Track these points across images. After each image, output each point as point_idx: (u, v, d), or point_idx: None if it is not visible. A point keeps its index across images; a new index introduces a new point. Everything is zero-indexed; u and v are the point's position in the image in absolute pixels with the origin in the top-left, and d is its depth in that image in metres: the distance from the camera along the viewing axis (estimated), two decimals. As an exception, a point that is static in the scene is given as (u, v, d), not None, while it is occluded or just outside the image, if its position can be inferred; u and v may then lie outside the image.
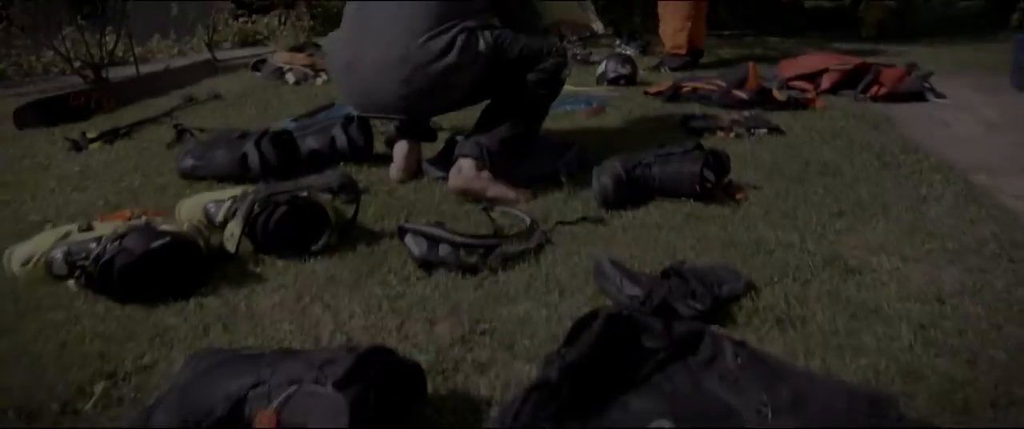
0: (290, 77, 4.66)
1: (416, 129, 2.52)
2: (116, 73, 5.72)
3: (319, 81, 4.63)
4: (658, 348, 1.10)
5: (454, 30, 2.17)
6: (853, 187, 2.32)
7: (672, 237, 1.91)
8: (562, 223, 2.00)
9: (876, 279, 1.65)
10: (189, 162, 2.46)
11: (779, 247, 1.82)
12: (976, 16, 9.46)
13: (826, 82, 4.05)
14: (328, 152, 2.61)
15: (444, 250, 1.74)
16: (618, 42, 6.17)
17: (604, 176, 2.13)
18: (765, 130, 3.06)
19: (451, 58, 2.17)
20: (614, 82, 4.39)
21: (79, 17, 5.86)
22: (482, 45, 2.21)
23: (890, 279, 1.65)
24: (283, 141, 2.49)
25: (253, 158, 2.38)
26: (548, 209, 2.14)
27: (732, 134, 3.02)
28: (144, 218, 1.72)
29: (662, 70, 5.03)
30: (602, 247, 1.84)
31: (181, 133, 3.07)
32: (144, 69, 5.92)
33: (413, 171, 2.50)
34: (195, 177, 2.45)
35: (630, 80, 4.39)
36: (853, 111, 3.57)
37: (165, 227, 1.68)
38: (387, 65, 2.20)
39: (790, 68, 4.31)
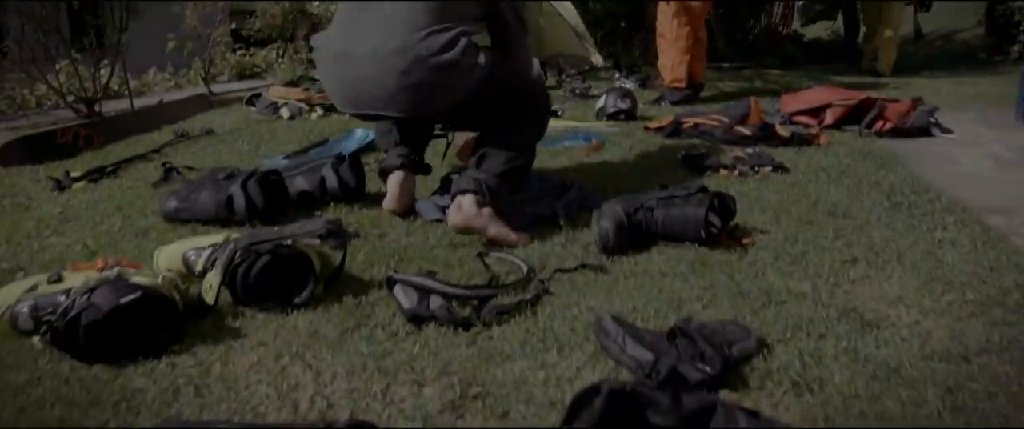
0: (285, 112, 4.59)
1: (411, 159, 2.41)
2: (111, 107, 5.66)
3: (314, 116, 4.56)
4: (666, 427, 0.99)
5: (455, 31, 2.12)
6: (864, 230, 2.23)
7: (677, 286, 1.81)
8: (561, 271, 1.90)
9: (896, 334, 1.55)
10: (172, 204, 2.36)
11: (791, 298, 1.72)
12: (975, 48, 9.44)
13: (830, 117, 3.98)
14: (318, 193, 2.52)
15: (435, 302, 1.64)
16: (617, 75, 6.11)
17: (605, 220, 2.03)
18: (769, 168, 2.98)
19: (453, 55, 2.10)
20: (614, 117, 4.31)
21: (74, 50, 5.82)
22: (481, 58, 2.16)
23: (911, 334, 1.54)
24: (271, 183, 2.40)
25: (239, 201, 2.28)
26: (546, 254, 2.05)
27: (736, 172, 2.93)
28: (116, 269, 1.62)
29: (662, 104, 4.97)
30: (603, 297, 1.74)
31: (168, 172, 2.98)
32: (139, 103, 5.86)
33: (407, 204, 2.40)
34: (179, 220, 2.35)
35: (630, 115, 4.32)
36: (859, 147, 3.49)
37: (138, 279, 1.57)
38: (385, 54, 2.12)
39: (792, 103, 4.24)
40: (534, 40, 8.41)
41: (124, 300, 1.47)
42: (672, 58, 4.98)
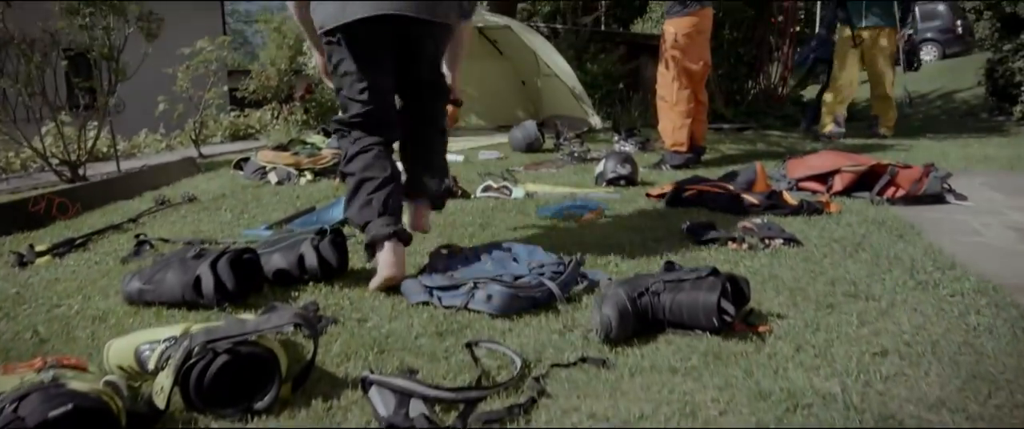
0: (272, 177, 4.43)
1: (399, 227, 2.37)
2: (98, 169, 5.53)
3: (303, 181, 4.40)
4: None
5: None
6: (890, 314, 2.03)
7: (689, 386, 1.60)
8: (558, 366, 1.70)
9: (943, 450, 1.34)
10: (135, 285, 2.17)
11: (818, 400, 1.52)
12: (976, 108, 9.39)
13: (839, 183, 3.82)
14: (296, 272, 2.33)
15: (415, 409, 1.44)
16: (616, 138, 5.98)
17: (607, 307, 1.84)
18: (780, 240, 2.79)
19: None
20: (613, 182, 4.16)
21: (64, 112, 5.70)
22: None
23: (961, 451, 1.34)
24: (244, 262, 2.21)
25: (207, 282, 2.09)
26: (542, 344, 1.85)
27: (745, 245, 2.75)
28: (53, 372, 1.42)
29: (664, 168, 4.83)
30: (607, 400, 1.54)
31: (140, 245, 2.81)
32: (127, 165, 5.75)
33: (403, 273, 2.32)
34: (142, 302, 2.16)
35: (630, 180, 4.17)
36: (872, 216, 3.32)
37: (76, 384, 1.37)
38: None
39: (799, 168, 4.09)
40: (532, 102, 8.38)
41: (54, 413, 1.28)
42: (673, 121, 4.85)
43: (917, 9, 18.90)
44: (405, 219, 2.62)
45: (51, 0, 4.91)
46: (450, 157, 5.39)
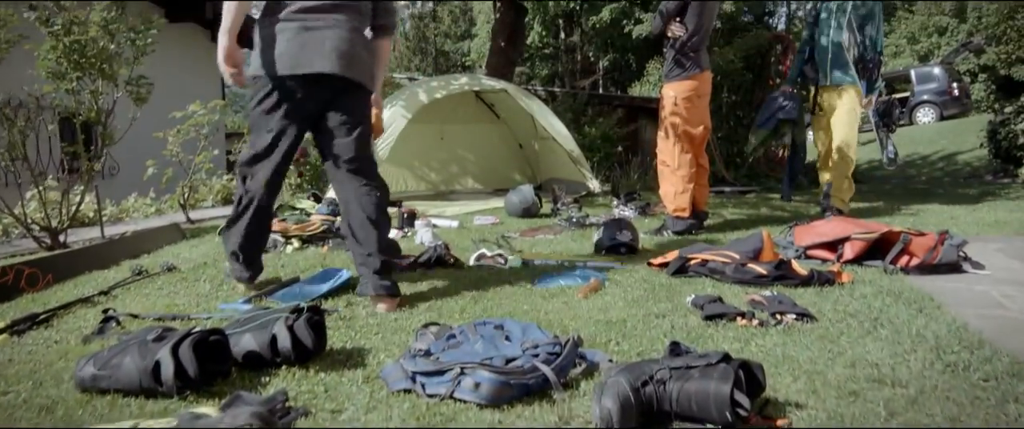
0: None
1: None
2: (82, 235, 5.37)
3: (289, 249, 4.24)
4: None
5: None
6: (921, 405, 1.84)
7: (701, 495, 1.40)
8: (552, 469, 1.50)
9: None
10: (89, 371, 1.97)
11: (851, 515, 1.32)
12: (979, 169, 9.28)
13: (850, 251, 3.65)
14: (268, 354, 2.13)
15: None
16: (615, 203, 5.84)
17: (607, 398, 1.65)
18: (793, 316, 2.61)
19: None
20: (613, 250, 3.99)
21: (50, 177, 5.57)
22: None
23: None
24: (209, 344, 2.02)
25: (167, 369, 1.90)
26: (535, 441, 1.65)
27: (755, 322, 2.56)
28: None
29: (665, 234, 4.66)
30: (607, 514, 1.34)
31: (106, 321, 2.62)
32: (113, 230, 5.58)
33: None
34: (96, 390, 1.96)
35: (631, 248, 4.00)
36: (887, 287, 3.13)
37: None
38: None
39: (807, 235, 3.92)
40: (529, 165, 8.28)
41: None
42: (675, 186, 4.71)
43: (913, 73, 19.14)
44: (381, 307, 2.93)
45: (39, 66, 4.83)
46: (445, 223, 5.29)
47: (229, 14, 2.87)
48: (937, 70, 18.70)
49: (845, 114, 5.33)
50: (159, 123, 6.35)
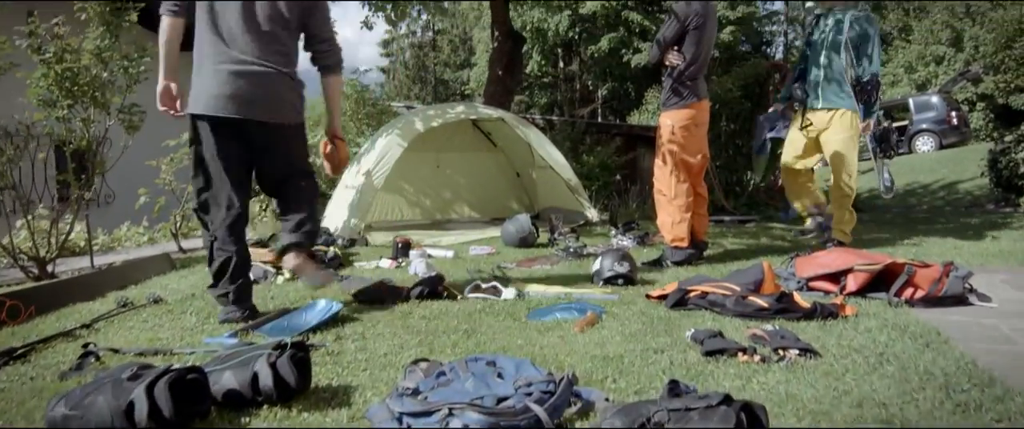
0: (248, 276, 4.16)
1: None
2: (72, 265, 5.29)
3: (280, 280, 4.15)
4: None
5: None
6: (933, 448, 1.75)
7: None
8: (543, 521, 1.41)
9: None
10: (60, 411, 1.88)
11: None
12: (980, 198, 9.22)
13: (853, 283, 3.56)
14: (249, 393, 2.04)
15: None
16: (613, 233, 5.76)
17: (602, 444, 1.56)
18: (796, 351, 2.52)
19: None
20: (611, 281, 3.91)
21: (41, 206, 5.50)
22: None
23: None
24: (187, 383, 1.93)
25: (141, 409, 1.81)
26: (526, 488, 1.55)
27: (757, 357, 2.47)
28: None
29: (664, 265, 4.58)
30: None
31: (84, 356, 2.53)
32: (103, 260, 5.51)
33: None
34: (66, 431, 1.86)
35: (629, 279, 3.91)
36: (892, 321, 3.04)
37: None
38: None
39: (808, 266, 3.84)
40: (526, 194, 8.22)
41: None
42: (672, 216, 4.63)
43: (912, 101, 19.17)
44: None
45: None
46: (440, 253, 5.21)
47: (163, 46, 3.13)
48: (935, 99, 18.72)
49: (841, 143, 5.11)
50: (156, 151, 6.30)
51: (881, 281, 3.56)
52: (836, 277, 3.68)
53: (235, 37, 3.10)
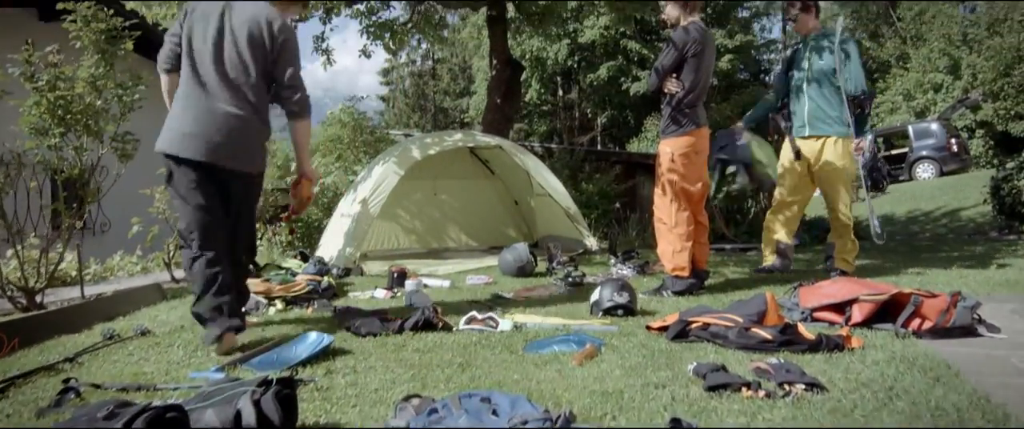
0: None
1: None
2: (62, 295, 5.21)
3: (272, 310, 4.06)
4: None
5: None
6: (950, 492, 1.65)
7: None
8: None
9: None
10: (31, 453, 1.79)
11: None
12: (983, 225, 9.15)
13: (858, 314, 3.47)
14: (230, 433, 1.95)
15: None
16: (613, 262, 5.67)
17: (599, 489, 1.47)
18: (802, 386, 2.43)
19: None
20: (610, 312, 3.82)
21: (34, 233, 5.43)
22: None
23: None
24: (165, 422, 1.84)
25: (114, 451, 1.72)
26: None
27: (761, 393, 2.38)
28: None
29: (664, 294, 4.49)
30: None
31: (64, 393, 2.44)
32: (95, 289, 5.42)
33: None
34: (37, 475, 1.77)
35: (629, 310, 3.82)
36: (900, 353, 2.95)
37: None
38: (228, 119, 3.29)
39: (812, 297, 3.75)
40: (525, 222, 8.15)
41: None
42: (673, 244, 4.55)
43: (911, 128, 19.18)
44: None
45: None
46: (436, 283, 5.13)
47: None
48: (934, 126, 18.72)
49: (834, 172, 5.09)
50: (151, 179, 6.23)
51: (887, 311, 3.47)
52: (841, 307, 3.59)
53: (209, 83, 3.29)
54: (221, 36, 3.32)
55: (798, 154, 5.23)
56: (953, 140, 18.21)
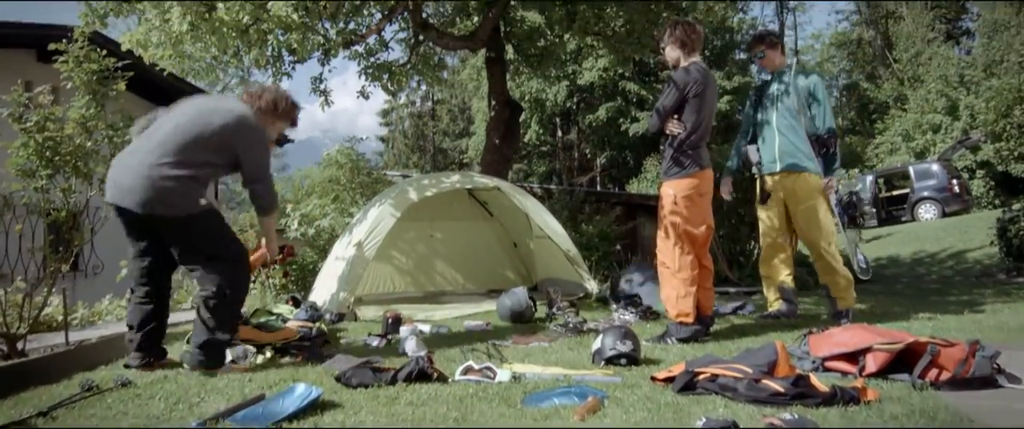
0: (227, 354, 3.92)
1: None
2: (47, 341, 5.05)
3: (260, 359, 3.90)
4: None
5: (187, 171, 3.61)
6: None
7: None
8: None
9: None
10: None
11: None
12: (990, 268, 9.00)
13: (872, 364, 3.32)
14: (202, 501, 1.79)
15: None
16: (615, 307, 5.52)
17: None
18: (819, 445, 2.27)
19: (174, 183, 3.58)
20: (613, 361, 3.66)
21: (20, 279, 5.28)
22: (202, 201, 3.64)
23: None
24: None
25: (70, 526, 1.56)
26: None
27: (776, 453, 2.22)
28: None
29: (668, 342, 4.34)
30: None
31: (31, 453, 2.27)
32: (81, 335, 5.26)
33: None
34: None
35: (632, 359, 3.67)
36: (919, 406, 2.79)
37: None
38: (141, 165, 3.61)
39: (823, 345, 3.60)
40: (524, 264, 8.00)
41: None
42: (676, 289, 4.41)
43: (912, 169, 19.13)
44: None
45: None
46: (432, 329, 4.97)
47: None
48: (935, 167, 18.68)
49: (809, 212, 5.01)
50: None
51: (902, 361, 3.32)
52: (854, 357, 3.43)
53: (152, 138, 3.66)
54: (176, 114, 3.76)
55: (764, 197, 5.24)
56: (954, 181, 18.15)
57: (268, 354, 3.97)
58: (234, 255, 3.80)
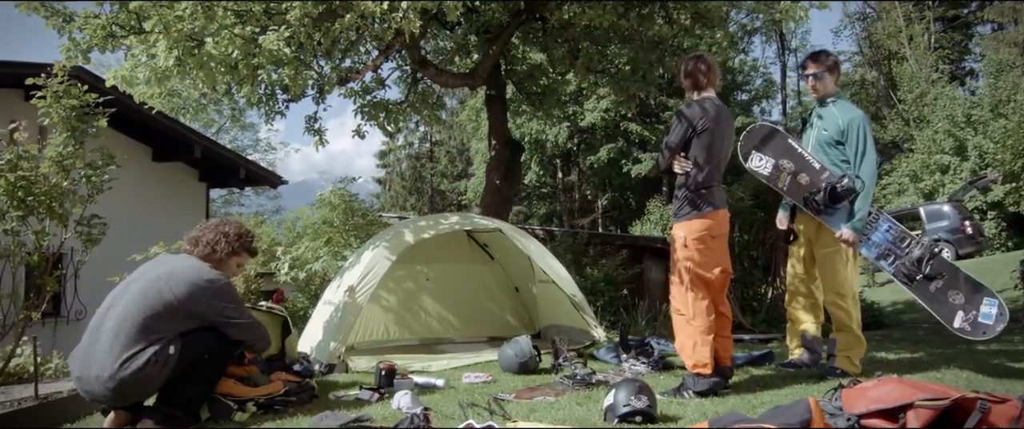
0: (204, 412, 3.59)
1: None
2: (15, 394, 4.71)
3: (241, 416, 3.56)
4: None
5: (149, 350, 3.40)
6: None
7: None
8: None
9: None
10: None
11: None
12: (1016, 313, 8.63)
13: (915, 421, 2.97)
14: None
15: None
16: (626, 358, 5.17)
17: None
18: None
19: (141, 370, 3.38)
20: (627, 418, 3.32)
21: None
22: (170, 350, 3.45)
23: None
24: None
25: None
26: None
27: None
28: None
29: (685, 395, 3.99)
30: None
31: None
32: (52, 388, 4.91)
33: None
34: None
35: (648, 416, 3.33)
36: (976, 474, 2.45)
37: None
38: (102, 381, 3.39)
39: (858, 401, 3.25)
40: (527, 310, 7.66)
41: None
42: (692, 338, 4.08)
43: (923, 211, 18.77)
44: None
45: None
46: (427, 381, 4.63)
47: None
48: (947, 208, 18.35)
49: (825, 259, 4.69)
50: (122, 266, 5.80)
51: (948, 419, 2.99)
52: (894, 414, 3.08)
53: (105, 327, 3.54)
54: (123, 295, 3.62)
55: (788, 237, 4.94)
56: (967, 222, 17.79)
57: (252, 410, 3.64)
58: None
